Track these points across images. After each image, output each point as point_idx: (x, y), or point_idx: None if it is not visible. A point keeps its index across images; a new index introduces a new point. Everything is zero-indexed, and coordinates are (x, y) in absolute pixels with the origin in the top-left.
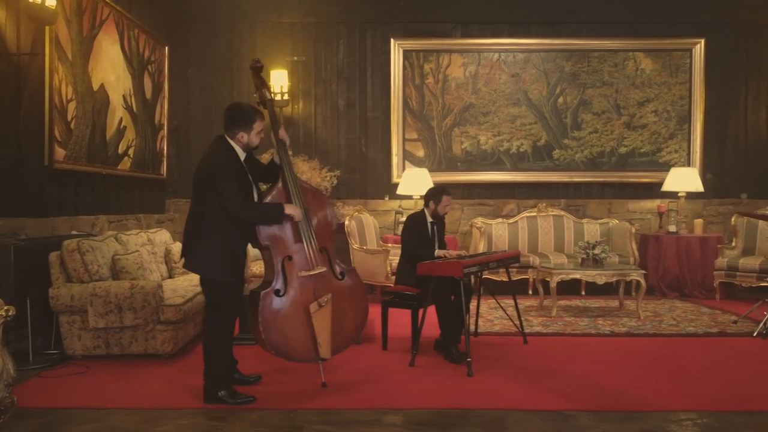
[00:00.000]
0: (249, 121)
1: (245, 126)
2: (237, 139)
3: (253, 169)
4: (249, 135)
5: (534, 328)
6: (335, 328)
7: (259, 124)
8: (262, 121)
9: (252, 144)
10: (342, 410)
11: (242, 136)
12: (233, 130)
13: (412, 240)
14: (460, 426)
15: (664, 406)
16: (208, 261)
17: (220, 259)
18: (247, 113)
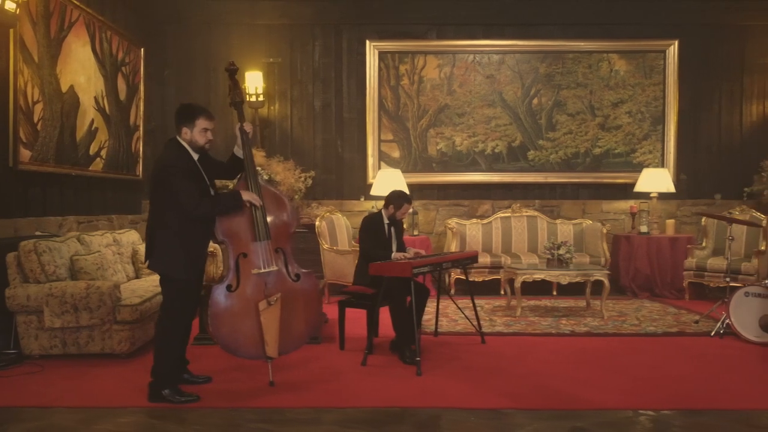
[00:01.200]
0: (191, 117)
1: (188, 122)
2: (183, 137)
3: (209, 168)
4: (192, 131)
5: (496, 327)
6: (284, 328)
7: (203, 122)
8: (209, 119)
9: (197, 141)
10: (283, 409)
11: (186, 132)
12: (178, 126)
13: (369, 241)
14: (395, 424)
15: (603, 405)
16: (168, 260)
17: (180, 258)
18: (191, 109)
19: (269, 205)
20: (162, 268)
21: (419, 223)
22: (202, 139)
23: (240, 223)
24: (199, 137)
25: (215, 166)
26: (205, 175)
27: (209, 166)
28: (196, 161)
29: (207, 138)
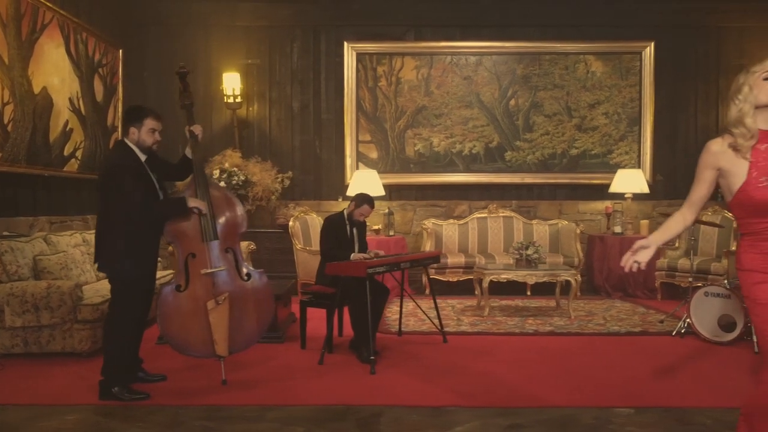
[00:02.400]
0: (140, 117)
1: (136, 122)
2: (131, 137)
3: (158, 169)
4: (139, 131)
5: (461, 327)
6: (234, 327)
7: (151, 122)
8: (156, 120)
9: (144, 141)
10: (230, 407)
11: (133, 132)
12: (126, 127)
13: (329, 241)
14: (336, 421)
15: (547, 402)
16: (115, 260)
17: (127, 258)
18: (138, 110)
19: (218, 206)
20: (109, 269)
21: (395, 224)
22: (150, 139)
23: (188, 224)
24: (147, 137)
25: (164, 167)
26: (154, 176)
27: (158, 167)
28: (144, 162)
29: (155, 138)
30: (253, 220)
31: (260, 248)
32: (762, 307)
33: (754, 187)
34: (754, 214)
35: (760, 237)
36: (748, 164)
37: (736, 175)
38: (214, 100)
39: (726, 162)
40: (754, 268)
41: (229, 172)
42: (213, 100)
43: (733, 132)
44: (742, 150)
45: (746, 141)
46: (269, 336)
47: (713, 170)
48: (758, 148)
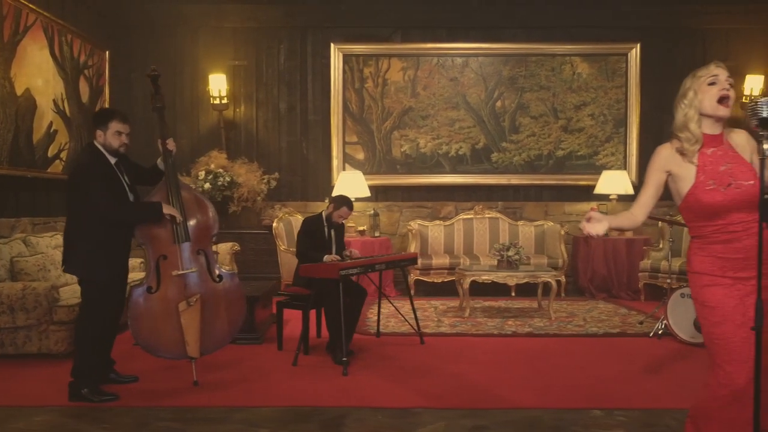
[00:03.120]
0: (105, 120)
1: (101, 125)
2: (98, 140)
3: (130, 171)
4: (105, 134)
5: (441, 328)
6: (206, 328)
7: (116, 125)
8: (122, 122)
9: (110, 144)
10: (198, 408)
11: (100, 135)
12: (94, 130)
13: (305, 242)
14: (300, 423)
15: (514, 404)
16: (85, 262)
17: (96, 260)
18: (104, 113)
19: (189, 208)
20: (79, 271)
21: (381, 225)
22: (116, 141)
23: (159, 226)
24: (112, 140)
25: (135, 170)
26: (125, 179)
27: (129, 170)
28: (113, 165)
29: (121, 141)
30: (239, 221)
31: (246, 249)
32: (709, 310)
33: (702, 190)
34: (703, 217)
35: (709, 240)
36: (696, 168)
37: (684, 179)
38: (201, 101)
39: (675, 166)
40: (703, 270)
41: (214, 174)
42: (200, 101)
43: (679, 137)
44: (689, 154)
45: (692, 146)
46: (247, 337)
47: (662, 173)
48: (704, 152)
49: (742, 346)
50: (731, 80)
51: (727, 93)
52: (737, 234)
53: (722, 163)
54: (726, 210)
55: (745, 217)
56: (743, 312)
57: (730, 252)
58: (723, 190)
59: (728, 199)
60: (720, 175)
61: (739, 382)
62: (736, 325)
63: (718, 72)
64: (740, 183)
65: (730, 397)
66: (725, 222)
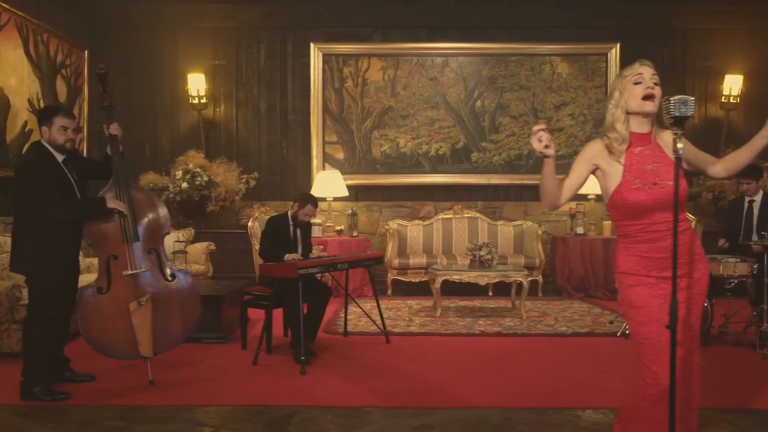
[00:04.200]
0: (49, 116)
1: (46, 121)
2: (44, 137)
3: (79, 168)
4: (50, 130)
5: (410, 328)
6: (159, 328)
7: (61, 119)
8: (66, 117)
9: (56, 140)
10: (148, 407)
11: (45, 132)
12: (39, 127)
13: (269, 241)
14: (247, 421)
15: (464, 403)
16: (31, 261)
17: (42, 259)
18: (48, 110)
19: (140, 208)
20: (24, 270)
21: (361, 224)
22: (62, 137)
23: (108, 225)
24: (58, 135)
25: (86, 165)
26: (73, 176)
27: (79, 166)
28: (61, 162)
29: (67, 136)
30: (218, 221)
31: (223, 249)
32: (635, 310)
33: (627, 188)
34: (628, 215)
35: (634, 239)
36: (622, 168)
37: (611, 176)
38: (180, 101)
39: (604, 161)
40: (628, 270)
41: (192, 173)
42: (179, 101)
43: (608, 136)
44: (616, 154)
45: (619, 145)
46: (212, 336)
47: (588, 164)
48: (632, 151)
49: (667, 346)
50: (657, 78)
51: (652, 92)
52: (661, 233)
53: (649, 162)
54: (650, 209)
55: (669, 216)
56: (668, 311)
57: (654, 251)
58: (648, 189)
59: (652, 198)
60: (646, 174)
61: (665, 382)
62: (660, 325)
63: (642, 71)
64: (665, 183)
65: (658, 396)
66: (649, 221)
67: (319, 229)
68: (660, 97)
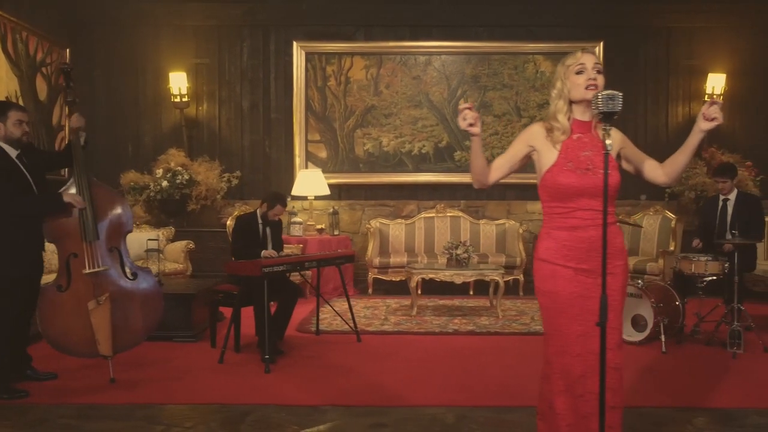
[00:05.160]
0: (3, 111)
1: (0, 116)
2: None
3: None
4: (5, 125)
5: (384, 326)
6: (119, 327)
7: (16, 114)
8: (20, 111)
9: (12, 134)
10: (104, 405)
11: (0, 128)
12: None
13: (240, 240)
14: (201, 420)
15: (421, 402)
16: None
17: (4, 257)
18: (1, 104)
19: (101, 205)
20: None
21: (343, 223)
22: (18, 131)
23: (67, 223)
24: (14, 129)
25: (45, 159)
26: (29, 171)
27: (36, 161)
28: (15, 157)
29: (23, 129)
30: (200, 220)
31: (203, 248)
32: (548, 300)
33: (560, 170)
34: (556, 196)
35: (556, 225)
36: (558, 151)
37: (546, 158)
38: (163, 99)
39: (540, 143)
40: (547, 258)
41: (173, 172)
42: (162, 99)
43: (552, 124)
44: (554, 141)
45: (561, 135)
46: (182, 335)
47: (524, 145)
48: (570, 137)
49: (576, 340)
50: (599, 67)
51: (594, 82)
52: (584, 222)
53: (585, 149)
54: (578, 193)
55: (595, 205)
56: (581, 305)
57: (574, 240)
58: (580, 172)
59: (582, 183)
60: (580, 159)
61: (571, 375)
62: (570, 318)
63: (584, 60)
64: (597, 171)
65: (562, 388)
66: (575, 206)
67: (300, 227)
68: (603, 85)
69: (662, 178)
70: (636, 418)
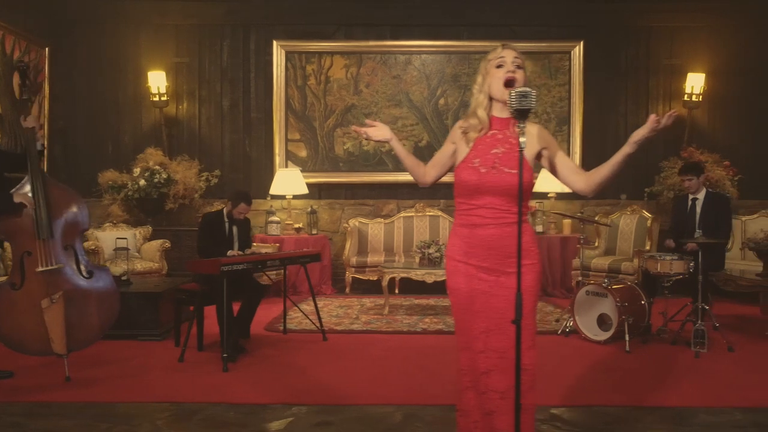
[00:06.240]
0: None
1: None
2: None
3: None
4: None
5: (353, 326)
6: (75, 325)
7: None
8: None
9: None
10: (54, 403)
11: None
12: None
13: (205, 239)
14: (148, 418)
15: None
16: None
17: None
18: None
19: (57, 203)
20: None
21: (323, 223)
22: None
23: (21, 221)
24: None
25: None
26: None
27: None
28: None
29: None
30: (178, 218)
31: (181, 246)
32: (453, 296)
33: (466, 166)
34: (461, 193)
35: (459, 222)
36: (469, 148)
37: (460, 154)
38: (143, 98)
39: (459, 140)
40: (452, 255)
41: (151, 171)
42: (143, 98)
43: (468, 121)
44: (467, 140)
45: (477, 132)
46: (148, 333)
47: (450, 143)
48: (487, 135)
49: (479, 336)
50: (519, 61)
51: (513, 75)
52: (485, 220)
53: (497, 146)
54: (479, 191)
55: (497, 204)
56: (484, 302)
57: (474, 238)
58: (484, 170)
59: (483, 181)
60: (488, 156)
61: (476, 371)
62: (473, 314)
63: (505, 54)
64: (504, 169)
65: (468, 383)
66: (477, 203)
67: (278, 227)
68: (523, 80)
69: (580, 185)
70: (586, 416)
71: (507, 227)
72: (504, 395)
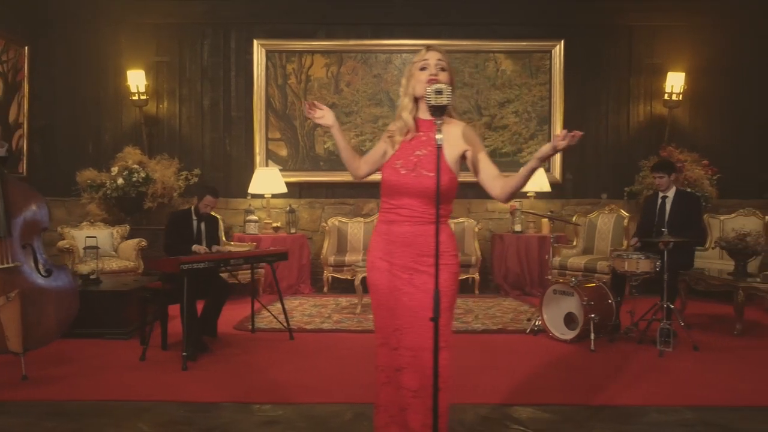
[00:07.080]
0: None
1: None
2: None
3: None
4: None
5: (323, 324)
6: (32, 323)
7: None
8: None
9: None
10: (6, 402)
11: None
12: None
13: (171, 236)
14: (97, 415)
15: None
16: None
17: None
18: None
19: (15, 201)
20: None
21: (303, 222)
22: None
23: None
24: None
25: None
26: None
27: None
28: None
29: None
30: (157, 217)
31: (159, 245)
32: (371, 292)
33: (389, 167)
34: (386, 192)
35: (382, 218)
36: (395, 150)
37: (388, 154)
38: (124, 97)
39: (387, 141)
40: (372, 251)
41: (129, 170)
42: (123, 97)
43: (395, 126)
44: (393, 142)
45: (401, 135)
46: (114, 332)
47: (383, 143)
48: (413, 137)
49: (393, 334)
50: (443, 64)
51: (436, 78)
52: (401, 218)
53: (420, 148)
54: (399, 192)
55: (414, 205)
56: (397, 299)
57: (390, 235)
58: (403, 172)
59: (402, 182)
60: (411, 158)
61: (390, 368)
62: (387, 311)
63: (428, 56)
64: (421, 171)
65: (384, 380)
66: (396, 203)
67: (256, 225)
68: (446, 82)
69: (495, 191)
70: (537, 415)
71: (422, 226)
72: (417, 394)
